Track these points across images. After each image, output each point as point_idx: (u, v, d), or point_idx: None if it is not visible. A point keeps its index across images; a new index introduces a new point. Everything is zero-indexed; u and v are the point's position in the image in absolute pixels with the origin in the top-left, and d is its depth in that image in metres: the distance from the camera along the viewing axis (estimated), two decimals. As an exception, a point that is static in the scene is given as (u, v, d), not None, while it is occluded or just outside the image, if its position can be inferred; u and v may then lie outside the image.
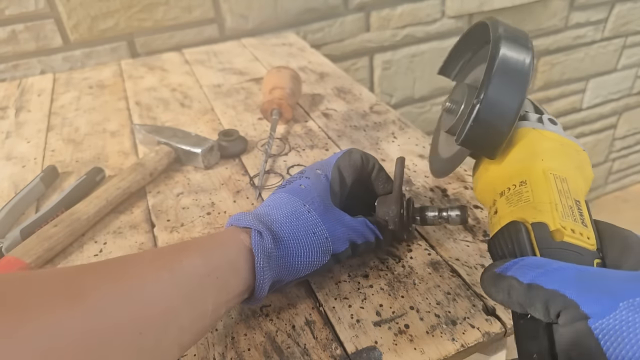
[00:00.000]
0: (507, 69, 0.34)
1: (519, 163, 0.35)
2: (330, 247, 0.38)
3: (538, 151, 0.35)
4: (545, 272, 0.25)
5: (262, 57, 0.97)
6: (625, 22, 1.56)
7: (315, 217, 0.38)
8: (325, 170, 0.42)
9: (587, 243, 0.29)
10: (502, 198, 0.34)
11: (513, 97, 0.34)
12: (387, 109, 0.73)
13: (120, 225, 0.52)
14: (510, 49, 0.35)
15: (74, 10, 0.97)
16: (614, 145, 1.90)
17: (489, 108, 0.34)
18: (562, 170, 0.34)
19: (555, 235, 0.29)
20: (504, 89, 0.34)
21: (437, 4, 1.26)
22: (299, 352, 0.36)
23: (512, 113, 0.34)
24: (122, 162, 0.64)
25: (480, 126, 0.35)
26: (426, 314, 0.39)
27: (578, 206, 0.32)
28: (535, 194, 0.32)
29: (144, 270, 0.29)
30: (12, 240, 0.48)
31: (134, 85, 0.88)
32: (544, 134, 0.36)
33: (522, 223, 0.31)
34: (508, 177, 0.35)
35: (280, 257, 0.36)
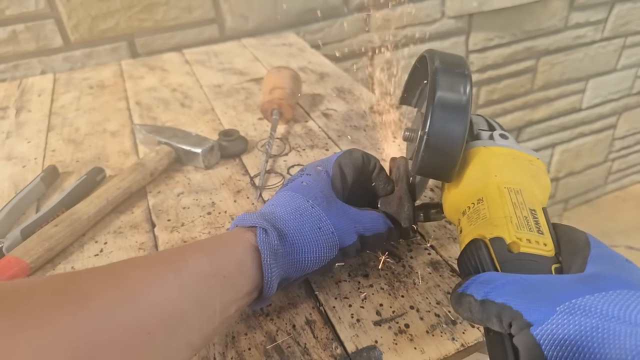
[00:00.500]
0: (447, 100, 0.36)
1: (475, 182, 0.37)
2: (337, 241, 0.38)
3: (491, 168, 0.36)
4: (495, 287, 0.27)
5: (262, 57, 0.98)
6: (625, 22, 1.56)
7: (319, 212, 0.38)
8: (326, 166, 0.42)
9: (544, 250, 0.30)
10: (465, 217, 0.36)
11: (457, 124, 0.35)
12: (387, 109, 0.73)
13: (121, 225, 0.52)
14: (447, 77, 0.36)
15: (74, 10, 0.97)
16: (614, 145, 1.90)
17: (435, 137, 0.35)
18: (516, 183, 0.35)
19: (512, 248, 0.30)
20: (446, 118, 0.35)
21: (437, 4, 1.26)
22: (299, 352, 0.37)
23: (458, 139, 0.36)
24: (122, 162, 0.64)
25: (431, 155, 0.36)
26: (426, 314, 0.39)
27: (534, 215, 0.33)
28: (491, 210, 0.33)
29: (148, 273, 0.29)
30: (12, 240, 0.48)
31: (135, 85, 0.89)
32: (494, 150, 0.38)
33: (482, 240, 0.32)
34: (467, 196, 0.37)
35: (287, 254, 0.36)
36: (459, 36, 1.34)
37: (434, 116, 0.35)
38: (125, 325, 0.25)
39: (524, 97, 1.57)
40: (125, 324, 0.25)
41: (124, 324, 0.25)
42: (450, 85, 0.36)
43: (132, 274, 0.29)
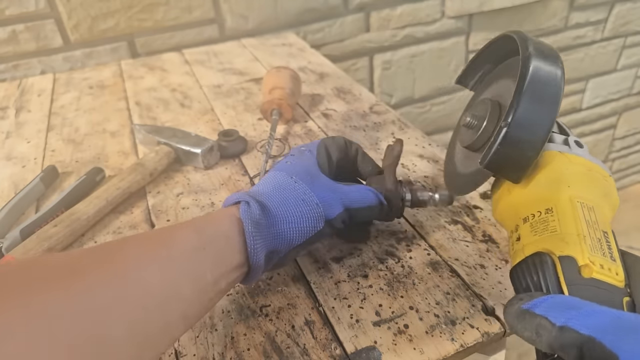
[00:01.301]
0: (538, 90, 0.33)
1: (545, 189, 0.34)
2: (322, 212, 0.39)
3: (565, 177, 0.34)
4: (579, 315, 0.24)
5: (262, 58, 0.98)
6: (625, 22, 1.56)
7: (302, 186, 0.39)
8: (310, 147, 0.44)
9: (616, 279, 0.28)
10: (526, 225, 0.33)
11: (543, 120, 0.33)
12: (387, 109, 0.73)
13: (120, 226, 0.52)
14: (541, 67, 0.33)
15: (74, 10, 0.97)
16: (614, 145, 1.90)
17: (517, 132, 0.32)
18: (589, 199, 0.32)
19: (584, 271, 0.28)
20: (533, 111, 0.32)
21: (437, 4, 1.26)
22: (298, 352, 0.37)
23: (540, 137, 0.33)
24: (122, 162, 0.64)
25: (507, 150, 0.33)
26: (425, 314, 0.39)
27: (606, 238, 0.30)
28: (562, 224, 0.31)
29: (140, 249, 0.30)
30: (12, 240, 0.48)
31: (134, 85, 0.88)
32: (570, 158, 0.35)
33: (549, 255, 0.30)
34: (533, 202, 0.34)
35: (271, 225, 0.37)
36: (459, 36, 1.34)
37: (520, 107, 0.32)
38: (121, 299, 0.26)
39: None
40: (120, 298, 0.26)
41: (119, 297, 0.26)
42: (543, 75, 0.33)
43: (124, 250, 0.29)
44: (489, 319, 0.38)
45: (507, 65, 0.41)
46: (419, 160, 0.60)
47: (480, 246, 0.46)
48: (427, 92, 1.38)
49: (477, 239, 0.47)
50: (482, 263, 0.44)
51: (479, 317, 0.38)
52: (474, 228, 0.48)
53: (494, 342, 0.38)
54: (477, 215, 0.50)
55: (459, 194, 0.43)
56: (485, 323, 0.38)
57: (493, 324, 0.38)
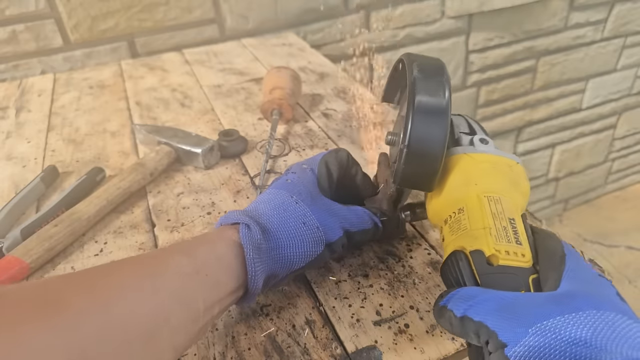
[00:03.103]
0: (426, 111, 0.35)
1: (456, 190, 0.36)
2: (323, 236, 0.38)
3: (471, 176, 0.36)
4: (473, 304, 0.27)
5: (262, 58, 0.98)
6: (624, 22, 1.56)
7: (303, 208, 0.38)
8: (312, 165, 0.43)
9: (522, 261, 0.31)
10: (446, 226, 0.36)
11: (436, 135, 0.35)
12: (387, 109, 0.73)
13: (121, 225, 0.52)
14: (425, 90, 0.36)
15: (74, 10, 0.97)
16: (614, 145, 1.90)
17: (415, 150, 0.35)
18: (496, 190, 0.35)
19: (492, 260, 0.31)
20: (426, 129, 0.35)
21: (437, 4, 1.26)
22: (299, 352, 0.37)
23: (438, 150, 0.35)
24: (122, 162, 0.64)
25: (411, 168, 0.36)
26: (426, 314, 0.39)
27: (512, 225, 0.33)
28: (471, 221, 0.34)
29: (126, 276, 0.29)
30: (12, 240, 0.48)
31: (134, 85, 0.89)
32: (474, 157, 0.38)
33: (462, 252, 0.32)
34: (448, 205, 0.36)
35: (271, 249, 0.36)
36: (459, 36, 1.34)
37: (413, 125, 0.35)
38: (102, 333, 0.24)
39: (524, 97, 1.57)
40: (101, 331, 0.24)
41: (101, 331, 0.24)
42: (428, 97, 0.35)
43: (109, 278, 0.28)
44: (489, 319, 0.38)
45: None
46: (419, 160, 0.60)
47: (481, 246, 0.46)
48: (427, 92, 1.38)
49: (477, 238, 0.47)
50: (482, 262, 0.44)
51: (480, 316, 0.38)
52: (475, 228, 0.48)
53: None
54: (478, 214, 0.50)
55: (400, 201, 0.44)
56: (486, 322, 0.38)
57: (493, 324, 0.38)
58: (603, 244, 1.78)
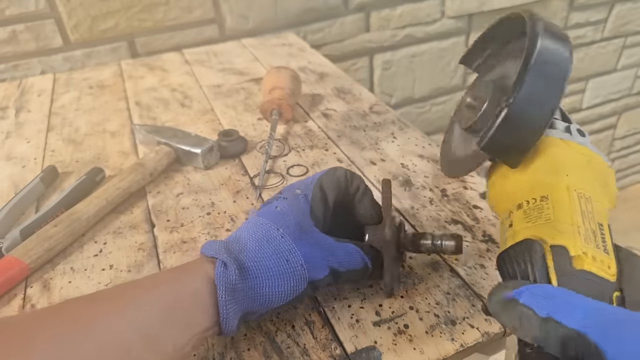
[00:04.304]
0: (544, 70, 0.31)
1: (542, 176, 0.32)
2: (306, 274, 0.35)
3: (564, 165, 0.32)
4: (565, 307, 0.23)
5: (262, 58, 0.98)
6: (624, 22, 1.56)
7: (289, 243, 0.35)
8: (306, 189, 0.39)
9: (608, 273, 0.27)
10: (520, 211, 0.32)
11: (547, 102, 0.31)
12: (387, 109, 0.73)
13: (120, 226, 0.52)
14: (548, 47, 0.31)
15: (74, 10, 0.97)
16: (614, 145, 1.90)
17: (518, 113, 0.31)
18: (587, 189, 0.31)
19: (575, 262, 0.27)
20: (537, 93, 0.31)
21: (437, 4, 1.26)
22: (298, 352, 0.37)
23: (543, 121, 0.31)
24: (122, 162, 0.64)
25: (506, 132, 0.31)
26: (425, 314, 0.39)
27: (601, 230, 0.29)
28: (556, 213, 0.30)
29: (95, 313, 0.28)
30: (12, 240, 0.48)
31: (134, 85, 0.88)
32: (571, 145, 0.34)
33: (540, 243, 0.28)
34: (528, 189, 0.32)
35: (249, 288, 0.33)
36: (459, 36, 1.34)
37: (524, 86, 0.30)
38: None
39: (524, 97, 1.57)
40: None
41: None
42: (550, 55, 0.31)
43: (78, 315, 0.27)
44: (489, 319, 0.38)
45: (514, 46, 0.39)
46: (419, 160, 0.60)
47: (481, 246, 0.46)
48: (427, 92, 1.38)
49: (477, 238, 0.47)
50: (482, 263, 0.44)
51: (479, 317, 0.38)
52: (474, 228, 0.48)
53: (494, 342, 0.38)
54: (477, 215, 0.50)
55: (451, 176, 0.39)
56: (485, 323, 0.38)
57: (493, 324, 0.38)
58: (603, 244, 1.78)
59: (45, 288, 0.45)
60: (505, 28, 0.39)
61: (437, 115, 1.44)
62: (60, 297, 0.44)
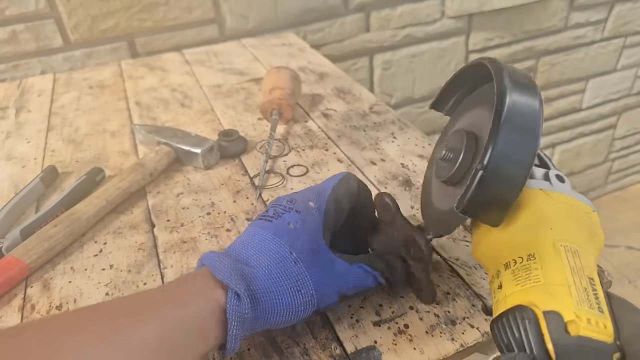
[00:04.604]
0: (515, 127, 0.30)
1: (526, 232, 0.32)
2: (315, 303, 0.34)
3: (547, 218, 0.32)
4: None
5: (262, 58, 0.98)
6: (624, 22, 1.56)
7: (302, 271, 0.34)
8: (319, 201, 0.38)
9: (605, 334, 0.26)
10: (508, 272, 0.31)
11: (522, 161, 0.30)
12: (387, 109, 0.73)
13: (120, 226, 0.52)
14: (518, 102, 0.30)
15: (74, 10, 0.97)
16: (614, 145, 1.90)
17: (494, 175, 0.29)
18: (573, 241, 0.30)
19: (570, 328, 0.26)
20: (511, 151, 0.29)
21: (437, 4, 1.26)
22: (298, 352, 0.37)
23: (520, 180, 0.30)
24: (122, 162, 0.64)
25: (484, 195, 0.30)
26: (425, 314, 0.39)
27: (593, 286, 0.28)
28: (546, 273, 0.29)
29: (86, 339, 0.27)
30: (12, 240, 0.48)
31: (134, 85, 0.89)
32: (552, 196, 0.33)
33: (532, 309, 0.28)
34: (514, 247, 0.32)
35: (257, 318, 0.33)
36: (459, 36, 1.34)
37: (496, 147, 0.29)
38: None
39: (524, 97, 1.57)
40: None
41: None
42: (520, 110, 0.30)
43: (68, 340, 0.26)
44: (489, 319, 0.38)
45: (482, 92, 0.38)
46: (419, 160, 0.60)
47: (480, 246, 0.46)
48: (427, 92, 1.38)
49: (477, 238, 0.47)
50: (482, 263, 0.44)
51: (479, 316, 0.38)
52: (474, 228, 0.48)
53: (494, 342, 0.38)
54: (477, 215, 0.50)
55: (435, 234, 0.38)
56: (485, 323, 0.38)
57: (493, 324, 0.38)
58: (603, 244, 1.78)
59: (45, 288, 0.45)
60: (472, 73, 0.38)
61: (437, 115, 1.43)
62: (60, 296, 0.44)
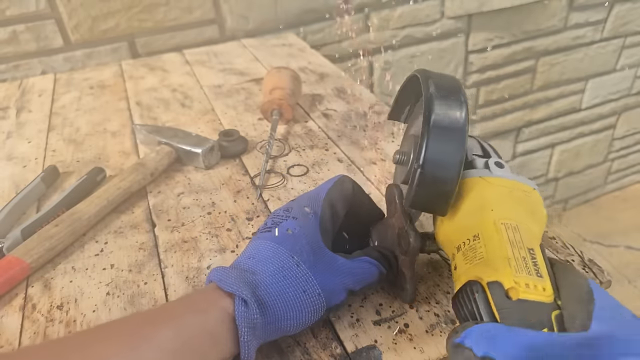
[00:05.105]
0: (442, 129, 0.34)
1: (470, 216, 0.35)
2: (324, 303, 0.35)
3: (487, 201, 0.35)
4: (497, 344, 0.25)
5: (263, 58, 0.98)
6: (624, 22, 1.56)
7: (305, 272, 0.34)
8: (314, 206, 0.39)
9: (543, 295, 0.29)
10: (459, 253, 0.34)
11: (452, 156, 0.34)
12: (387, 109, 0.73)
13: (121, 225, 0.53)
14: (442, 107, 0.34)
15: (74, 10, 0.97)
16: (613, 145, 1.90)
17: (429, 171, 0.34)
18: (513, 218, 0.33)
19: (511, 293, 0.29)
20: (442, 149, 0.34)
21: (437, 5, 1.26)
22: (299, 352, 0.37)
23: (454, 173, 0.34)
24: (122, 162, 0.65)
25: (425, 190, 0.34)
26: (426, 313, 0.39)
27: (532, 255, 0.31)
28: (488, 250, 0.32)
29: (105, 349, 0.27)
30: (13, 240, 0.48)
31: (135, 85, 0.89)
32: (490, 181, 0.36)
33: (479, 282, 0.30)
34: (462, 231, 0.35)
35: (267, 323, 0.33)
36: (459, 36, 1.34)
37: (428, 145, 0.33)
38: None
39: (523, 98, 1.57)
40: None
41: None
42: (445, 114, 0.34)
43: (86, 350, 0.26)
44: (488, 318, 0.38)
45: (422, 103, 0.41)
46: (419, 160, 0.60)
47: (480, 246, 0.46)
48: (427, 92, 1.38)
49: (477, 238, 0.47)
50: (481, 262, 0.44)
51: (479, 316, 0.38)
52: (474, 228, 0.48)
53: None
54: (477, 214, 0.50)
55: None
56: (485, 322, 0.38)
57: (493, 323, 0.38)
58: (603, 244, 1.79)
59: (46, 288, 0.45)
60: (412, 87, 0.42)
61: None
62: (61, 296, 0.44)
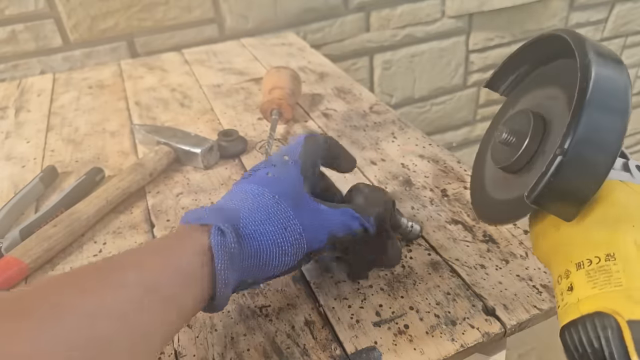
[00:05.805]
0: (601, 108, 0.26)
1: (604, 228, 0.28)
2: (305, 243, 0.33)
3: (629, 214, 0.28)
4: None
5: (262, 57, 0.97)
6: (625, 22, 1.56)
7: (286, 210, 0.33)
8: (293, 155, 0.37)
9: None
10: (581, 272, 0.27)
11: (608, 143, 0.26)
12: (387, 109, 0.73)
13: (120, 226, 0.52)
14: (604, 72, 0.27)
15: (73, 10, 0.97)
16: (614, 145, 1.90)
17: (576, 160, 0.26)
18: None
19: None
20: (597, 132, 0.26)
21: (437, 4, 1.26)
22: (298, 353, 0.36)
23: (605, 166, 0.26)
24: (121, 162, 0.64)
25: (561, 184, 0.27)
26: (426, 314, 0.39)
27: None
28: (629, 277, 0.25)
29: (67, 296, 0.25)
30: (11, 240, 0.48)
31: (134, 85, 0.88)
32: (633, 188, 0.29)
33: (613, 317, 0.25)
34: (588, 244, 0.28)
35: (246, 258, 0.31)
36: (459, 36, 1.34)
37: (579, 130, 0.26)
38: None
39: (524, 97, 1.57)
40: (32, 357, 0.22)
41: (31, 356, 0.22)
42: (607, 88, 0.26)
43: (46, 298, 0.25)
44: (489, 319, 0.38)
45: (551, 69, 0.35)
46: (419, 160, 0.60)
47: (481, 246, 0.46)
48: (427, 92, 1.38)
49: (477, 239, 0.47)
50: (482, 263, 0.44)
51: (480, 317, 0.38)
52: (475, 228, 0.48)
53: (494, 342, 0.38)
54: (478, 215, 0.50)
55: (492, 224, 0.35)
56: (486, 323, 0.38)
57: (493, 324, 0.37)
58: None
59: (44, 288, 0.45)
60: (541, 48, 0.35)
61: (437, 115, 1.44)
62: (59, 297, 0.44)
